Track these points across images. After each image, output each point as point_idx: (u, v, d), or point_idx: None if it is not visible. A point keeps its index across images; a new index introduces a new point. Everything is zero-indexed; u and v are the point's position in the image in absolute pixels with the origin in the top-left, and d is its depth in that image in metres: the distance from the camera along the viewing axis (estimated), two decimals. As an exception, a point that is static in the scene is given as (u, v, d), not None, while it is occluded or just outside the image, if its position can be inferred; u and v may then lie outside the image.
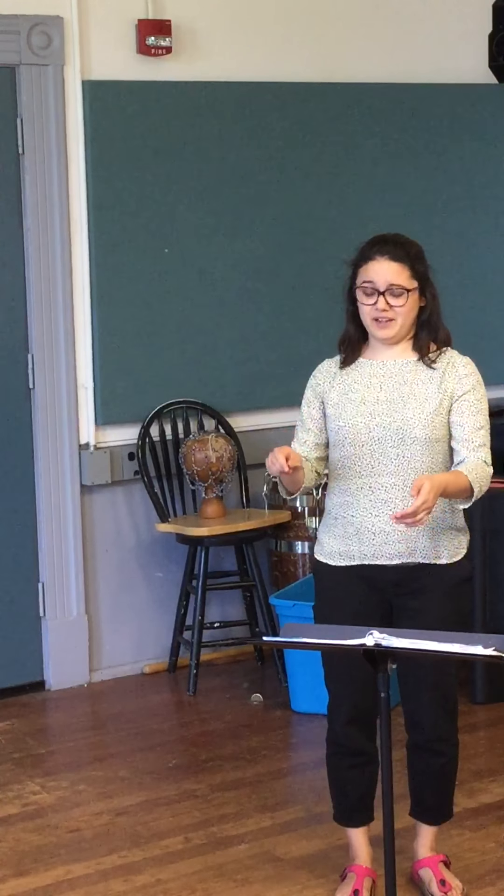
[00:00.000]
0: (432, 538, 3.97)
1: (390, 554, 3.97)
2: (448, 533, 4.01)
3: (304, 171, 6.35)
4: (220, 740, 5.48)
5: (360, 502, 3.98)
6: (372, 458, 3.96)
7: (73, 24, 5.81)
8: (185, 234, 6.12)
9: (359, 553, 4.00)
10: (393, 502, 3.94)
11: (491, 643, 3.24)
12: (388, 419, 3.94)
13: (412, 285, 3.97)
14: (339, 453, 4.01)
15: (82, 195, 5.91)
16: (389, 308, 3.94)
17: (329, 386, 4.06)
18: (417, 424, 3.93)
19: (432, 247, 6.64)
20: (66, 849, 4.61)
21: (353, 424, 3.97)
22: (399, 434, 3.93)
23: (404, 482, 3.93)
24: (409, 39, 6.62)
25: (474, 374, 4.04)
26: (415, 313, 4.00)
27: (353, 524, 4.00)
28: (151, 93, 6.00)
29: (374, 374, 4.01)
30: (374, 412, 3.96)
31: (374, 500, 3.97)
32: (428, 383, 3.97)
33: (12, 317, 5.88)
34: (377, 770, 4.17)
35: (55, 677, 6.06)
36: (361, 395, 3.99)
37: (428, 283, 4.03)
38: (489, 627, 5.57)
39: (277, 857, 4.49)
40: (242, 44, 6.21)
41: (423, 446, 3.94)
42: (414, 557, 3.97)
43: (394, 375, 4.00)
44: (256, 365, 6.27)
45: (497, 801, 4.85)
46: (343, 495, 4.02)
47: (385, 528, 3.96)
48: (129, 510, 6.18)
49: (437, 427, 3.95)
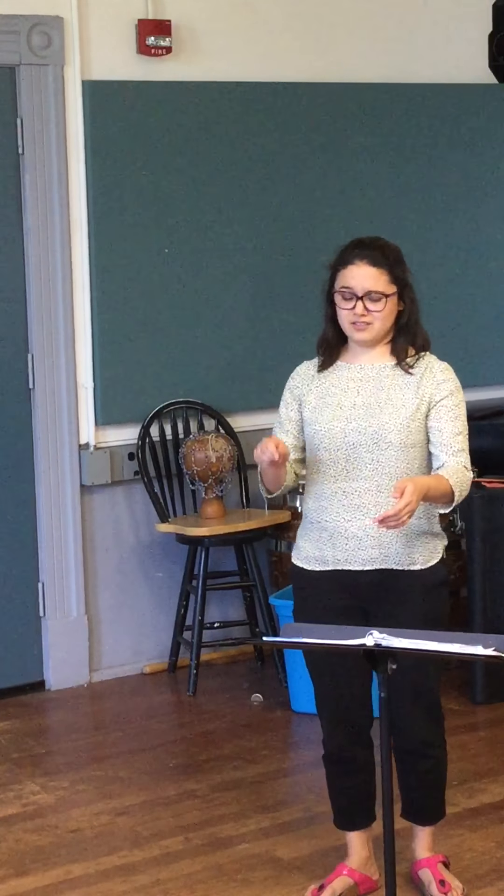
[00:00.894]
0: (406, 544, 3.96)
1: (364, 559, 3.96)
2: (422, 538, 3.99)
3: (304, 170, 6.35)
4: (220, 740, 5.48)
5: (335, 507, 3.98)
6: (347, 463, 3.95)
7: (73, 24, 5.81)
8: (185, 233, 6.13)
9: (332, 558, 4.00)
10: (367, 507, 3.93)
11: (491, 643, 3.24)
12: (364, 424, 3.93)
13: (391, 290, 3.94)
14: (315, 457, 4.00)
15: (82, 195, 5.91)
16: (367, 313, 3.93)
17: (307, 389, 4.06)
18: (393, 429, 3.92)
19: (432, 247, 6.71)
20: (66, 849, 4.61)
21: (329, 429, 3.96)
22: (374, 439, 3.92)
23: (378, 487, 3.92)
24: (409, 39, 6.62)
25: (452, 380, 4.01)
26: (393, 318, 3.98)
27: (328, 529, 3.99)
28: (151, 93, 6.00)
29: (352, 378, 4.00)
30: (350, 416, 3.95)
31: (348, 504, 3.96)
32: (405, 388, 3.96)
33: (12, 317, 5.88)
34: (369, 779, 4.18)
35: (55, 677, 6.06)
36: (338, 399, 3.98)
37: (407, 288, 3.99)
38: (489, 627, 5.57)
39: (277, 857, 4.49)
40: (242, 44, 6.21)
41: (398, 451, 3.92)
42: (387, 563, 3.96)
43: (371, 380, 3.99)
44: (256, 365, 6.27)
45: (497, 801, 4.85)
46: (318, 500, 4.02)
47: (358, 534, 3.95)
48: (129, 510, 6.18)
49: (412, 432, 3.93)
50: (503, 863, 4.41)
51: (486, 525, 5.65)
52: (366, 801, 4.19)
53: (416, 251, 6.59)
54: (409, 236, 6.60)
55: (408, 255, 6.41)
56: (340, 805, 4.23)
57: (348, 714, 4.10)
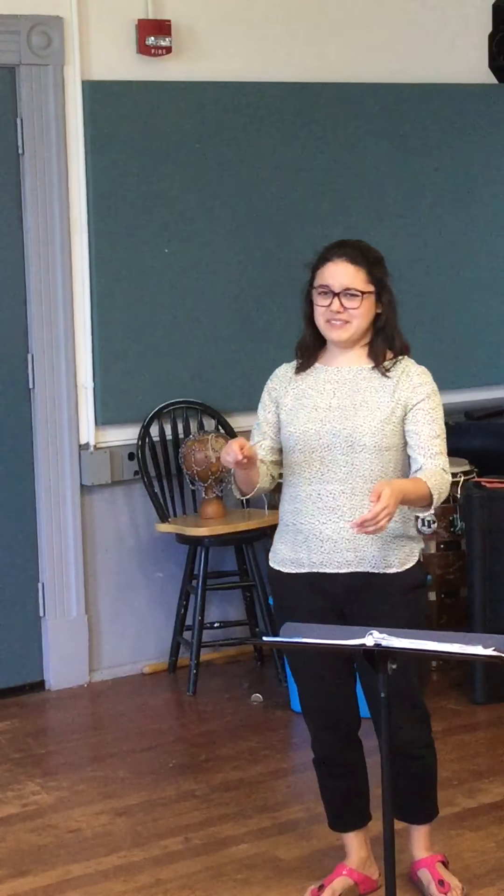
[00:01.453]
0: (382, 547, 3.95)
1: (339, 562, 3.95)
2: (398, 541, 3.98)
3: (304, 170, 6.35)
4: (220, 740, 5.48)
5: (309, 509, 3.97)
6: (322, 465, 3.94)
7: (73, 24, 5.81)
8: (184, 233, 6.13)
9: (308, 561, 3.99)
10: (341, 510, 3.92)
11: (491, 643, 3.24)
12: (339, 426, 3.92)
13: (368, 289, 3.93)
14: (290, 459, 4.00)
15: (82, 195, 5.91)
16: (343, 310, 3.92)
17: (284, 391, 4.05)
18: (367, 432, 3.90)
19: (431, 246, 6.71)
20: (66, 849, 4.61)
21: (304, 431, 3.95)
22: (348, 441, 3.91)
23: (353, 490, 3.91)
24: (409, 39, 6.62)
25: (429, 384, 3.99)
26: (370, 318, 3.97)
27: (303, 532, 3.99)
28: (151, 93, 6.00)
29: (329, 381, 3.99)
30: (325, 419, 3.94)
31: (323, 507, 3.95)
32: (381, 391, 3.95)
33: (12, 317, 5.88)
34: (360, 780, 4.18)
35: (55, 677, 6.06)
36: (314, 401, 3.97)
37: (385, 290, 3.98)
38: (489, 627, 5.57)
39: (277, 857, 4.49)
40: (242, 44, 6.21)
41: (372, 454, 3.91)
42: (363, 566, 3.95)
43: (347, 382, 3.97)
44: (257, 365, 6.25)
45: (497, 801, 4.85)
46: (293, 502, 4.01)
47: (333, 536, 3.94)
48: (129, 510, 6.18)
49: (386, 435, 3.92)
50: (503, 863, 4.41)
51: (486, 525, 5.65)
52: (359, 803, 4.19)
53: (416, 251, 6.62)
54: (408, 236, 6.61)
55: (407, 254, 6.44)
56: (334, 807, 4.23)
57: (334, 717, 4.10)
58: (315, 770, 4.23)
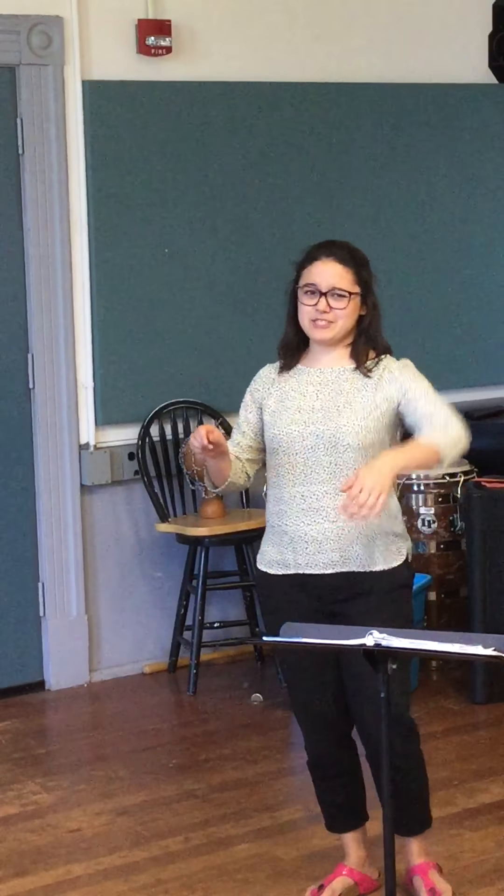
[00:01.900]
0: (367, 545, 3.92)
1: (324, 563, 3.93)
2: (383, 538, 3.95)
3: (303, 170, 6.34)
4: (220, 740, 5.48)
5: (294, 510, 3.95)
6: (305, 466, 3.92)
7: (73, 24, 5.81)
8: (185, 233, 6.13)
9: (293, 562, 3.97)
10: (325, 510, 3.91)
11: (491, 643, 3.24)
12: (322, 427, 3.90)
13: (355, 290, 3.92)
14: (274, 461, 3.99)
15: (82, 195, 5.91)
16: (330, 310, 3.90)
17: (267, 392, 4.04)
18: (350, 432, 3.88)
19: (431, 246, 6.71)
20: (66, 849, 4.61)
21: (288, 432, 3.94)
22: (332, 442, 3.89)
23: (336, 490, 3.87)
24: (409, 39, 6.62)
25: (409, 368, 3.95)
26: (354, 320, 3.95)
27: (288, 533, 3.97)
28: (151, 93, 6.00)
29: (311, 382, 3.98)
30: (308, 420, 3.92)
31: (307, 508, 3.93)
32: (363, 391, 3.92)
33: (12, 317, 5.88)
34: (354, 781, 4.16)
35: (55, 677, 6.06)
36: (297, 402, 3.96)
37: (370, 293, 3.96)
38: (489, 627, 5.57)
39: (277, 857, 4.49)
40: (242, 44, 6.21)
41: (356, 453, 3.89)
42: (348, 566, 3.93)
43: (330, 383, 3.96)
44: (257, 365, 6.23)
45: (497, 801, 4.85)
46: (278, 504, 4.00)
47: (318, 537, 3.92)
48: (129, 510, 6.18)
49: (370, 432, 3.89)
50: (503, 863, 4.41)
51: (486, 525, 5.65)
52: (354, 803, 4.18)
53: (416, 250, 6.62)
54: (408, 235, 6.61)
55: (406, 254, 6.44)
56: (329, 809, 4.23)
57: (325, 720, 4.09)
58: (309, 772, 4.22)
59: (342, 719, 4.09)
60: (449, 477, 6.07)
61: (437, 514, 6.09)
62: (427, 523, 6.07)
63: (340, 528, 3.89)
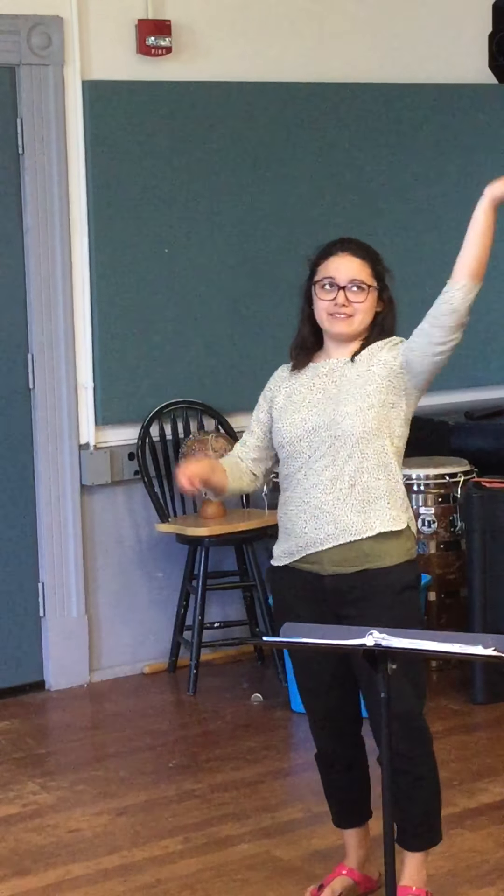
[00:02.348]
0: (361, 511, 3.87)
1: (322, 538, 3.90)
2: (382, 502, 3.88)
3: (303, 170, 6.35)
4: (220, 740, 5.48)
5: (297, 494, 3.95)
6: (310, 450, 3.91)
7: (73, 24, 5.81)
8: (185, 233, 6.13)
9: (295, 547, 3.96)
10: (323, 484, 3.88)
11: (491, 643, 3.24)
12: (322, 409, 3.90)
13: (373, 283, 3.93)
14: (282, 454, 4.00)
15: (82, 195, 5.91)
16: (349, 303, 3.90)
17: (277, 391, 4.05)
18: (346, 417, 3.86)
19: (430, 246, 6.71)
20: (66, 849, 4.61)
21: (292, 423, 3.94)
22: (331, 418, 3.88)
23: (334, 461, 3.87)
24: (409, 39, 6.62)
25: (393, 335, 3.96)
26: (372, 315, 3.95)
27: (291, 518, 3.98)
28: (151, 93, 6.00)
29: (317, 376, 3.98)
30: (310, 407, 3.93)
31: (307, 486, 3.92)
32: (356, 378, 3.91)
33: (12, 317, 5.88)
34: (359, 778, 4.16)
35: (55, 677, 6.06)
36: (303, 397, 3.96)
37: (386, 288, 3.98)
38: (489, 627, 5.57)
39: (277, 857, 4.49)
40: (242, 44, 6.22)
41: (353, 426, 3.85)
42: (345, 537, 3.87)
43: (328, 374, 3.95)
44: (256, 365, 6.25)
45: (497, 801, 4.85)
46: (284, 494, 4.02)
47: (315, 513, 3.90)
48: (129, 510, 6.18)
49: (369, 420, 3.86)
50: (503, 863, 4.41)
51: (486, 525, 5.64)
52: (359, 800, 4.17)
53: (415, 250, 6.61)
54: (408, 236, 6.61)
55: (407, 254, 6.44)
56: (333, 803, 4.23)
57: (331, 714, 4.09)
58: (316, 764, 4.23)
59: (350, 718, 4.09)
60: (449, 477, 6.07)
61: (437, 514, 6.09)
62: (427, 523, 6.07)
63: (336, 498, 3.88)
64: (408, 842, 4.04)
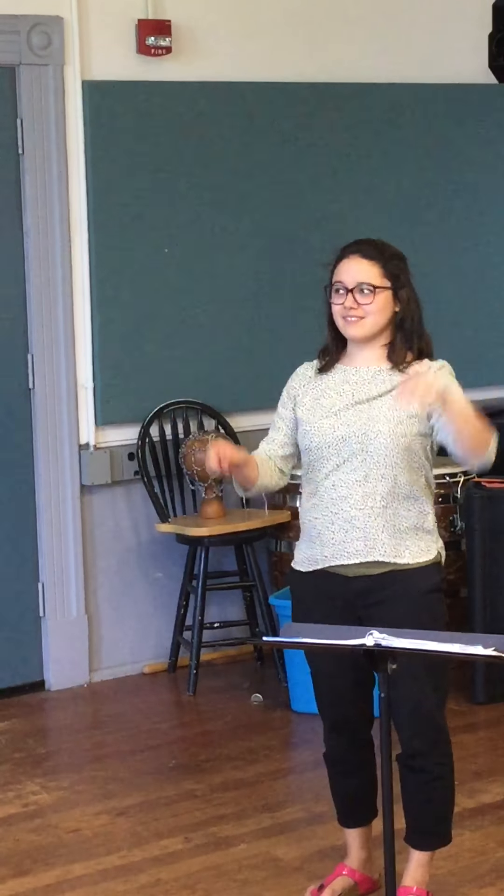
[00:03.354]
0: (393, 535, 3.90)
1: (349, 552, 3.90)
2: (412, 533, 3.93)
3: (303, 171, 6.35)
4: (220, 740, 5.48)
5: (324, 502, 3.94)
6: (338, 458, 3.91)
7: (73, 24, 5.81)
8: (184, 233, 6.13)
9: (321, 556, 3.96)
10: (353, 498, 3.89)
11: (491, 643, 3.24)
12: (355, 427, 3.89)
13: (382, 283, 3.89)
14: (308, 458, 3.99)
15: (82, 195, 5.91)
16: (358, 306, 3.89)
17: (303, 391, 4.03)
18: (381, 433, 3.86)
19: (431, 247, 6.71)
20: (66, 849, 4.61)
21: (320, 427, 3.93)
22: (363, 431, 3.87)
23: (366, 477, 3.87)
24: (409, 39, 6.62)
25: (447, 369, 3.94)
26: (387, 315, 3.92)
27: (316, 526, 3.96)
28: (151, 93, 6.00)
29: (347, 381, 3.96)
30: (340, 414, 3.92)
31: (336, 497, 3.91)
32: (389, 393, 3.89)
33: (12, 317, 5.88)
34: (368, 778, 4.15)
35: (55, 677, 6.06)
36: (332, 401, 3.95)
37: (403, 287, 3.93)
38: (489, 627, 5.57)
39: (277, 857, 4.49)
40: (242, 44, 6.22)
41: (387, 441, 3.86)
42: (373, 555, 3.89)
43: (366, 382, 3.94)
44: (256, 365, 6.28)
45: (497, 801, 4.85)
46: (310, 499, 4.00)
47: (344, 525, 3.90)
48: (129, 510, 6.18)
49: (402, 434, 3.87)
50: (503, 863, 4.41)
51: (486, 525, 5.65)
52: (366, 800, 4.17)
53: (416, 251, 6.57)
54: (408, 236, 6.59)
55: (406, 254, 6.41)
56: (340, 802, 4.23)
57: (344, 714, 4.09)
58: (325, 764, 4.22)
59: (361, 718, 4.08)
60: (449, 477, 6.07)
61: (438, 514, 6.00)
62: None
63: (367, 515, 3.88)
64: (417, 841, 4.05)
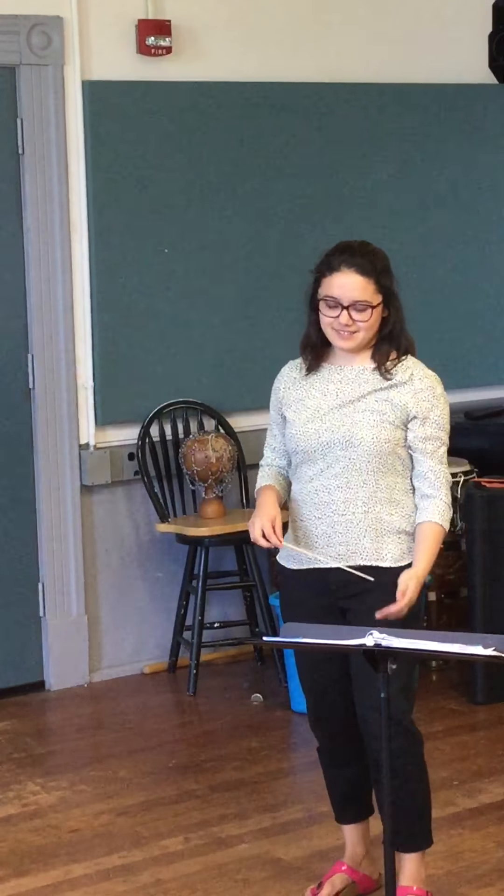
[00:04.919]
0: (375, 540, 3.93)
1: (332, 556, 3.94)
2: (394, 536, 3.95)
3: (303, 171, 6.35)
4: (220, 740, 5.48)
5: (308, 505, 3.97)
6: (323, 462, 3.93)
7: (73, 24, 5.81)
8: (184, 234, 6.13)
9: (305, 556, 3.98)
10: (335, 504, 3.92)
11: (491, 643, 3.24)
12: (338, 423, 3.91)
13: (377, 300, 3.90)
14: (295, 459, 4.01)
15: (82, 195, 5.91)
16: (353, 322, 3.89)
17: (287, 392, 4.05)
18: (365, 426, 3.88)
19: (430, 246, 6.71)
20: (66, 849, 4.61)
21: (305, 429, 3.95)
22: (346, 437, 3.89)
23: (348, 483, 3.91)
24: (409, 39, 6.62)
25: (431, 389, 3.94)
26: (378, 325, 3.94)
27: (302, 528, 4.00)
28: (151, 93, 6.00)
29: (332, 381, 3.98)
30: (325, 418, 3.93)
31: (319, 502, 3.95)
32: (380, 391, 3.92)
33: (12, 317, 5.88)
34: (360, 772, 4.14)
35: (55, 677, 6.06)
36: (317, 402, 3.97)
37: (392, 297, 3.94)
38: (489, 627, 5.57)
39: (277, 857, 4.49)
40: (242, 44, 6.21)
41: (370, 448, 3.88)
42: (355, 559, 3.92)
43: (349, 382, 3.96)
44: (256, 365, 6.27)
45: (497, 801, 4.85)
46: (295, 499, 4.03)
47: (327, 531, 3.94)
48: (129, 510, 6.18)
49: (385, 432, 3.89)
50: (503, 863, 4.41)
51: (486, 525, 5.64)
52: (359, 794, 4.16)
53: (415, 250, 6.61)
54: (407, 236, 6.61)
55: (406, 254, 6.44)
56: (333, 796, 4.23)
57: (328, 709, 4.10)
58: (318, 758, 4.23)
59: (344, 711, 4.08)
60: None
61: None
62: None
63: (349, 521, 3.92)
64: (397, 843, 3.96)
